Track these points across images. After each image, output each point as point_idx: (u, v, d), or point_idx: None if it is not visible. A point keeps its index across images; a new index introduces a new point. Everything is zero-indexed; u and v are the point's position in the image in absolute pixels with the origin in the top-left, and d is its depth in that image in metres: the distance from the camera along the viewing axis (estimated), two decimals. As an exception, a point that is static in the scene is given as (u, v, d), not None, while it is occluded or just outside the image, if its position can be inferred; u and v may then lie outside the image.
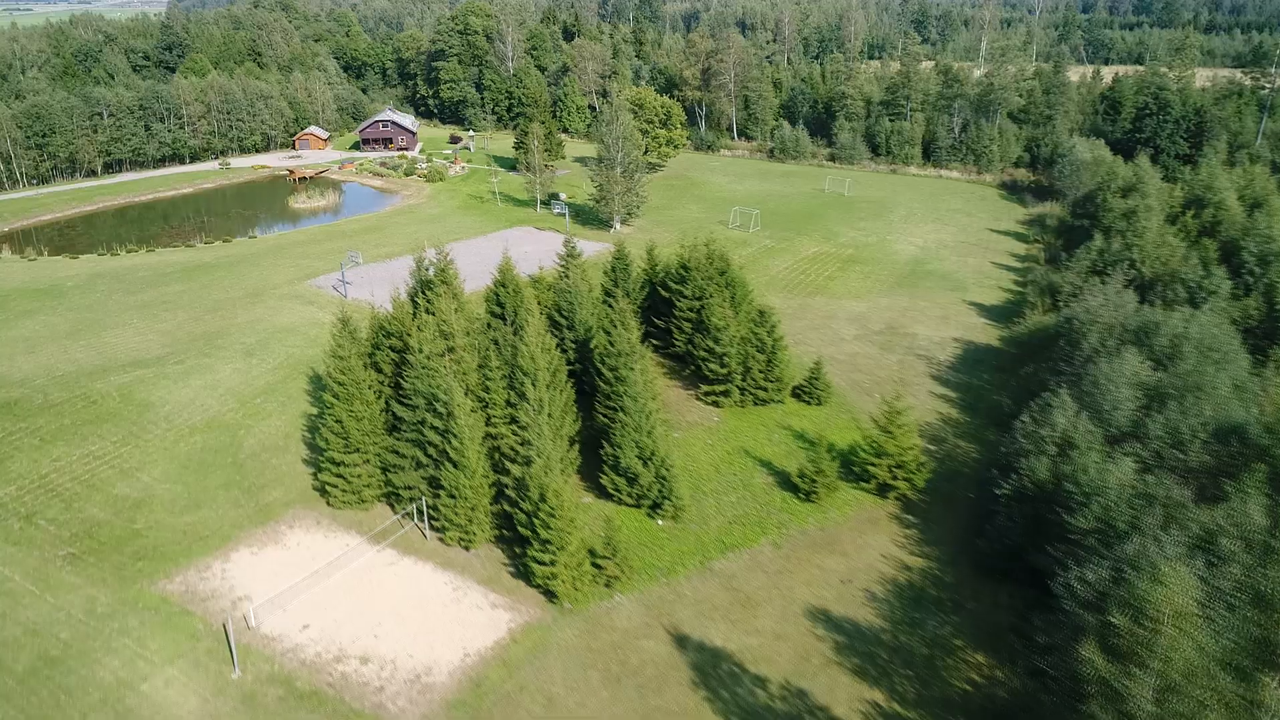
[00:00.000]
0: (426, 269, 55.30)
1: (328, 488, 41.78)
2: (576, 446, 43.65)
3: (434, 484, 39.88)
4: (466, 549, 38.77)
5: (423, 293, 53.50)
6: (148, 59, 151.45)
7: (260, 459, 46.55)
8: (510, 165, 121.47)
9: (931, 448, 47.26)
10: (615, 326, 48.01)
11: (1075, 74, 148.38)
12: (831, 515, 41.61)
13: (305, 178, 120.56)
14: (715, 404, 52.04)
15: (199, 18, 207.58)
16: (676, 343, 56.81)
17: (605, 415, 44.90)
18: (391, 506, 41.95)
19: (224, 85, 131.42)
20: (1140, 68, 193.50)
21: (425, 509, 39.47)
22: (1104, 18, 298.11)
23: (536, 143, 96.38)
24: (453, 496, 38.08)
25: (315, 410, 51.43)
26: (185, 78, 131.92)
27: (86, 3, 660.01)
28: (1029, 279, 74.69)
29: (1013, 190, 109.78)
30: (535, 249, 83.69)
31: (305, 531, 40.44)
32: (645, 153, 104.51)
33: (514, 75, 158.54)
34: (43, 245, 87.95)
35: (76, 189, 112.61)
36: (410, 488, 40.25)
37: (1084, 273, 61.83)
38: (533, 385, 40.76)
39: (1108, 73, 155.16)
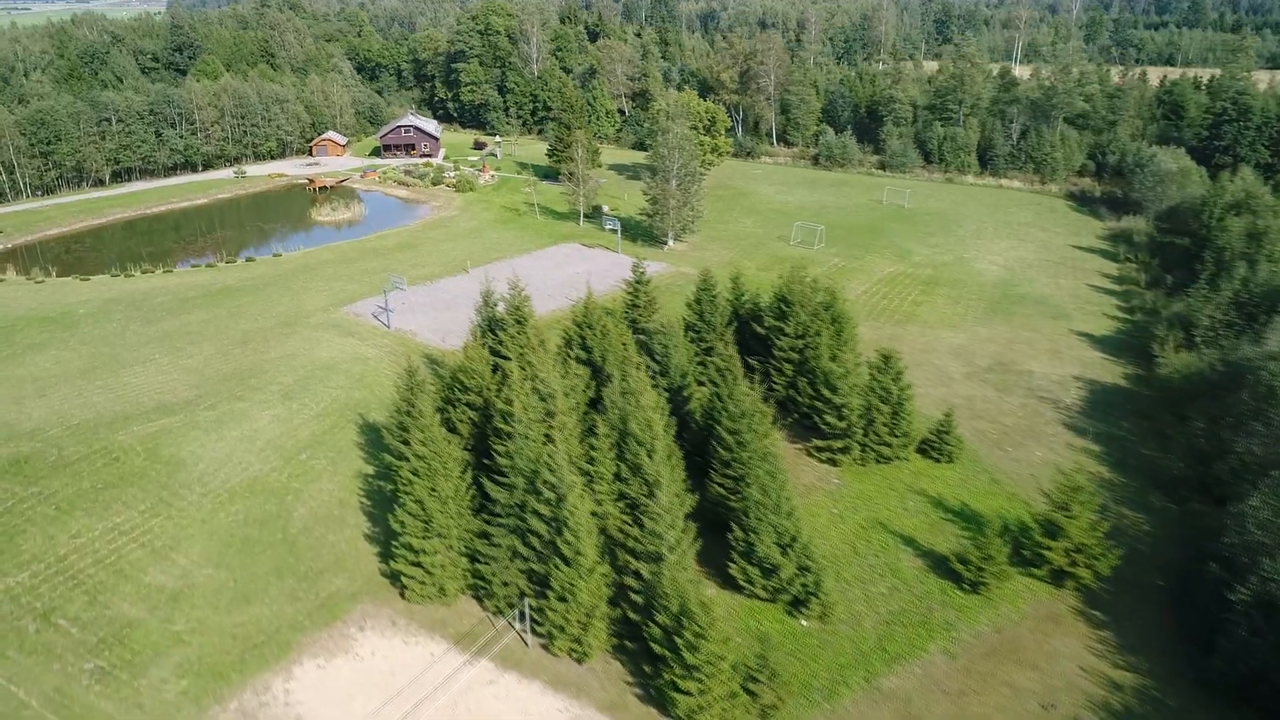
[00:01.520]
0: (494, 304, 48.69)
1: (403, 578, 35.01)
2: (694, 527, 36.93)
3: (534, 578, 33.17)
4: (580, 662, 32.01)
5: (492, 332, 46.93)
6: (156, 61, 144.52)
7: (314, 534, 39.80)
8: (544, 173, 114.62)
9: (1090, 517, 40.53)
10: (725, 377, 41.45)
11: (1120, 76, 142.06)
12: (1003, 611, 34.92)
13: (326, 187, 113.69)
14: (832, 462, 45.31)
15: (203, 17, 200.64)
16: (775, 386, 50.11)
17: (723, 487, 38.30)
18: (479, 600, 35.20)
19: (238, 88, 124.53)
20: (1172, 68, 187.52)
21: (527, 611, 32.65)
22: (1130, 18, 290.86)
23: (580, 151, 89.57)
24: (564, 599, 31.34)
25: (371, 470, 44.81)
26: (197, 81, 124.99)
27: (85, 2, 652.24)
28: (1135, 304, 68.29)
29: (1083, 201, 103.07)
30: (587, 269, 76.93)
31: (380, 635, 33.68)
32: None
33: (539, 77, 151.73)
34: (50, 265, 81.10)
35: (84, 200, 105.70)
36: (506, 583, 33.50)
37: (1225, 305, 55.12)
38: (649, 457, 34.11)
39: (1153, 74, 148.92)
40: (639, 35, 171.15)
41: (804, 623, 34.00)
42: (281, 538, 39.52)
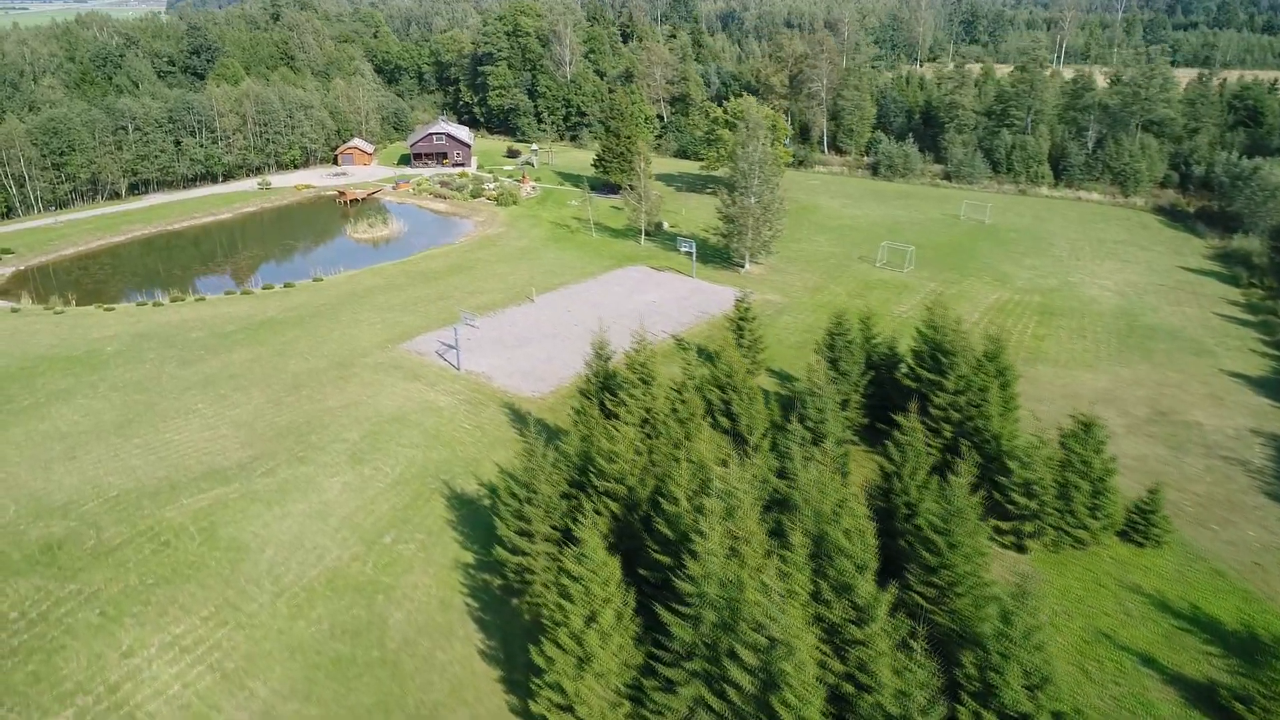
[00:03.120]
0: (608, 356, 41.66)
1: (548, 726, 27.86)
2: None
3: (724, 734, 26.04)
4: None
5: (610, 392, 39.85)
6: (172, 64, 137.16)
7: (419, 651, 32.67)
8: (594, 185, 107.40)
9: (1349, 623, 33.54)
10: (907, 454, 34.47)
11: (1201, 79, 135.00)
12: (1302, 767, 27.83)
13: (357, 199, 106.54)
14: (1018, 548, 38.26)
15: (211, 18, 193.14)
16: (930, 451, 43.03)
17: (924, 596, 31.27)
18: (643, 754, 28.06)
19: (260, 93, 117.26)
20: (1208, 69, 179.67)
21: (722, 783, 25.51)
22: (1162, 18, 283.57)
23: (643, 164, 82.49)
24: (777, 775, 24.21)
25: (471, 557, 37.75)
26: (217, 85, 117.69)
27: (83, 1, 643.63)
28: (1284, 339, 61.48)
29: (1174, 217, 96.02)
30: (662, 298, 69.88)
31: (527, 807, 26.60)
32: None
33: (572, 81, 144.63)
34: (69, 291, 73.96)
35: (100, 215, 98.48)
36: (689, 743, 26.36)
37: None
38: (859, 573, 27.07)
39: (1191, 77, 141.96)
40: (673, 37, 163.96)
41: (1062, 788, 26.88)
42: (379, 656, 32.39)
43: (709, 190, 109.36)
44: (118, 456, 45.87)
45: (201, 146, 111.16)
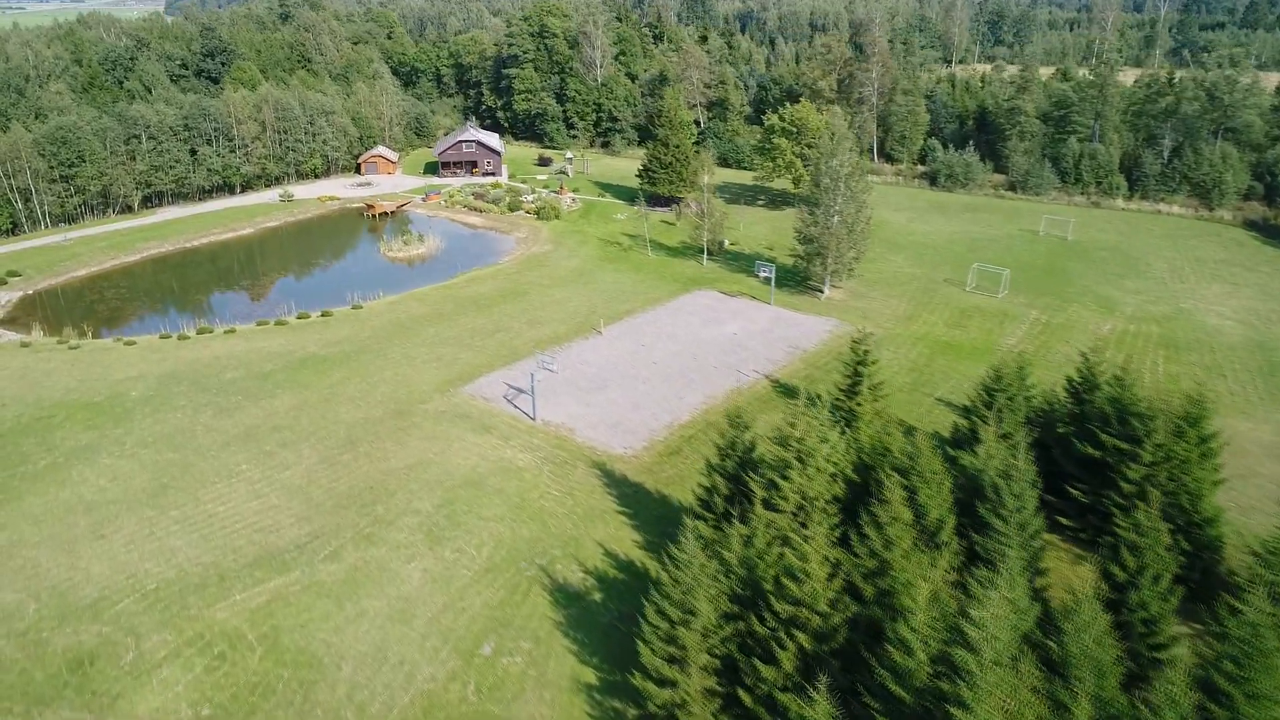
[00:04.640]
0: (744, 424, 35.02)
1: None
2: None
3: None
4: None
5: (750, 470, 33.21)
6: (185, 67, 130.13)
7: (553, 818, 25.97)
8: (649, 199, 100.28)
9: None
10: (1143, 557, 27.93)
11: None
12: None
13: (386, 212, 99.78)
14: (1259, 665, 31.57)
15: (215, 18, 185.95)
16: (1118, 529, 36.34)
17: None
18: None
19: (280, 99, 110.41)
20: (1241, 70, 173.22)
21: None
22: (1192, 19, 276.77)
23: (708, 177, 75.79)
24: None
25: (593, 675, 31.12)
26: (235, 90, 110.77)
27: (80, 1, 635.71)
28: None
29: (1268, 232, 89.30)
30: (742, 329, 63.13)
31: None
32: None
33: (603, 85, 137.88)
34: (82, 319, 67.15)
35: (112, 231, 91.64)
36: None
37: None
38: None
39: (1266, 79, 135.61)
40: (704, 39, 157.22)
41: None
42: (505, 828, 25.70)
43: (760, 202, 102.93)
44: (153, 535, 39.10)
45: (219, 156, 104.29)
